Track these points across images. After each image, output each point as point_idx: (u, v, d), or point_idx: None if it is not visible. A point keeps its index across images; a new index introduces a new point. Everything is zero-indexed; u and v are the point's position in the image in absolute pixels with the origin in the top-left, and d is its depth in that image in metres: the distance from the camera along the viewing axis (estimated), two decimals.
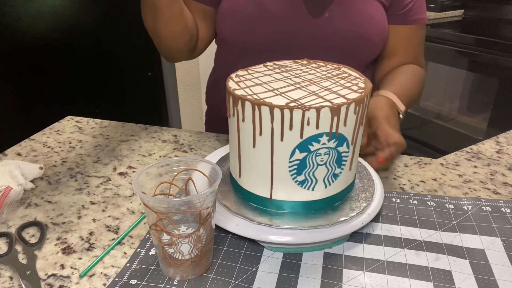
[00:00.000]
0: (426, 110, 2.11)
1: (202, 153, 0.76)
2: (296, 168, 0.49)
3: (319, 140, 0.47)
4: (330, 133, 0.47)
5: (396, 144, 0.62)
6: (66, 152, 0.77)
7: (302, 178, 0.50)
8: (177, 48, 0.78)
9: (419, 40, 0.86)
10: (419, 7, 0.82)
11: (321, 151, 0.48)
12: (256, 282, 0.46)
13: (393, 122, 0.66)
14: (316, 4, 0.74)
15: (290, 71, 0.57)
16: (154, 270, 0.48)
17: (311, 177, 0.50)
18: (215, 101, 0.95)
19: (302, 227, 0.50)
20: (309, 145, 0.47)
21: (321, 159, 0.49)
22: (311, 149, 0.48)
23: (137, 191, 0.43)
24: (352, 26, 0.75)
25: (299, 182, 0.50)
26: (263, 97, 0.47)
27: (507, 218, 0.57)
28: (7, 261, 0.50)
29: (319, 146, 0.47)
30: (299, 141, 0.47)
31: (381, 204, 0.56)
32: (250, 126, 0.48)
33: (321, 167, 0.49)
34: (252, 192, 0.53)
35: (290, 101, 0.46)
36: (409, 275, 0.47)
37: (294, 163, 0.48)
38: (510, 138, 0.83)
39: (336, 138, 0.48)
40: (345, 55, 0.75)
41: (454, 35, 1.83)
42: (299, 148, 0.47)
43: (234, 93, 0.49)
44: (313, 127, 0.46)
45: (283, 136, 0.47)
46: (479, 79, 1.88)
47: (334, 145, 0.48)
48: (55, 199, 0.63)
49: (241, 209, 0.53)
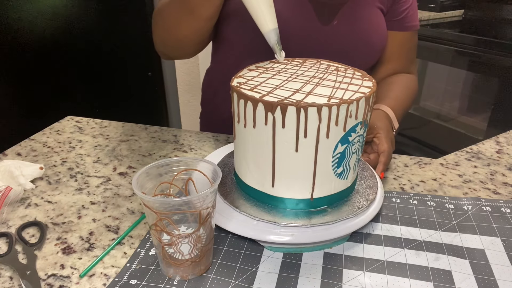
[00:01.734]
0: (426, 110, 2.11)
1: (202, 153, 0.76)
2: (337, 162, 0.50)
3: (355, 130, 0.49)
4: (363, 121, 0.49)
5: (384, 152, 0.66)
6: (66, 152, 0.77)
7: (341, 170, 0.51)
8: (185, 52, 0.76)
9: (412, 45, 0.90)
10: (413, 14, 0.85)
11: (355, 140, 0.50)
12: (256, 282, 0.46)
13: (391, 134, 0.71)
14: (326, 11, 0.76)
15: (286, 70, 0.57)
16: (154, 270, 0.48)
17: (347, 167, 0.52)
18: (211, 102, 0.94)
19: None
20: (348, 137, 0.49)
21: (354, 148, 0.51)
22: (349, 140, 0.49)
23: (137, 191, 0.43)
24: (359, 33, 0.78)
25: (338, 174, 0.51)
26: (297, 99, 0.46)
27: (507, 218, 0.57)
28: (7, 261, 0.50)
29: (355, 135, 0.50)
30: (342, 135, 0.48)
31: (381, 204, 0.56)
32: (292, 131, 0.46)
33: (353, 155, 0.52)
34: (289, 197, 0.52)
35: (328, 97, 0.47)
36: (409, 275, 0.47)
37: (336, 157, 0.49)
38: (510, 138, 0.83)
39: (366, 125, 0.51)
40: (347, 61, 0.76)
41: (454, 35, 1.83)
42: (341, 141, 0.48)
43: (266, 100, 0.46)
44: (353, 118, 0.48)
45: (329, 133, 0.47)
46: (479, 79, 1.88)
47: (362, 131, 0.51)
48: (55, 199, 0.63)
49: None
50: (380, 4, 0.80)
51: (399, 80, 0.87)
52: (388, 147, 0.67)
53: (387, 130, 0.70)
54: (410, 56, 0.90)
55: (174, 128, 0.86)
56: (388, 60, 0.87)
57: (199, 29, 0.68)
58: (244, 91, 0.49)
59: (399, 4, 0.82)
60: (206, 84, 0.95)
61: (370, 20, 0.79)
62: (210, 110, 0.95)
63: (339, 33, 0.77)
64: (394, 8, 0.82)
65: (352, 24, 0.77)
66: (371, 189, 0.57)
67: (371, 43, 0.80)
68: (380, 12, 0.81)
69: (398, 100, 0.81)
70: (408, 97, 0.86)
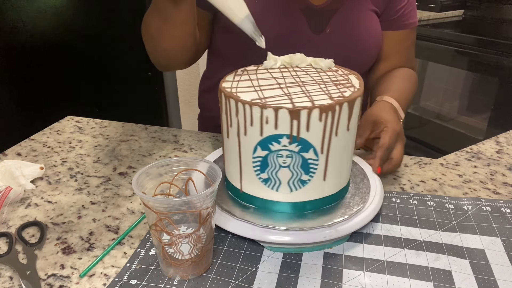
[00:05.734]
0: (426, 110, 2.11)
1: (202, 153, 0.76)
2: (259, 165, 0.50)
3: (279, 141, 0.47)
4: (290, 136, 0.47)
5: (383, 147, 0.62)
6: (66, 152, 0.77)
7: (266, 176, 0.50)
8: (179, 61, 0.75)
9: (411, 42, 0.88)
10: (410, 11, 0.83)
11: (283, 153, 0.48)
12: (256, 282, 0.46)
13: (398, 126, 0.66)
14: (318, 20, 0.75)
15: (291, 71, 0.57)
16: (154, 270, 0.48)
17: (274, 177, 0.50)
18: (209, 107, 0.95)
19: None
20: (269, 144, 0.48)
21: (283, 161, 0.48)
22: (271, 149, 0.48)
23: (137, 191, 0.43)
24: (352, 40, 0.77)
25: (262, 180, 0.51)
26: (241, 91, 0.49)
27: (507, 218, 0.57)
28: (7, 261, 0.50)
29: (279, 147, 0.48)
30: (259, 138, 0.48)
31: (381, 204, 0.56)
32: (224, 117, 0.51)
33: (284, 169, 0.49)
34: (229, 180, 0.56)
35: (259, 98, 0.47)
36: (409, 275, 0.47)
37: (257, 159, 0.49)
38: (510, 138, 0.83)
39: (298, 143, 0.47)
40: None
41: (454, 35, 1.83)
42: (260, 145, 0.48)
43: (222, 84, 0.52)
44: (271, 126, 0.46)
45: (246, 131, 0.48)
46: (479, 79, 1.88)
47: (297, 149, 0.48)
48: (55, 199, 0.63)
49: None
50: (374, 6, 0.79)
51: (399, 74, 0.85)
52: (389, 141, 0.63)
53: (395, 122, 0.66)
54: (409, 54, 0.89)
55: (174, 128, 0.86)
56: (386, 58, 0.86)
57: (179, 36, 0.67)
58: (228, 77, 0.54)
59: (395, 2, 0.81)
60: (203, 88, 0.96)
61: (364, 26, 0.78)
62: (207, 115, 0.97)
63: (332, 41, 0.76)
64: (389, 7, 0.81)
65: (345, 31, 0.76)
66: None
67: (366, 49, 0.79)
68: (374, 15, 0.80)
69: (401, 91, 0.77)
70: (411, 89, 0.83)
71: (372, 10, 0.79)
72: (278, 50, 0.64)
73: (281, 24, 0.74)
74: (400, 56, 0.87)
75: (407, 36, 0.85)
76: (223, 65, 0.83)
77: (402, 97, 0.75)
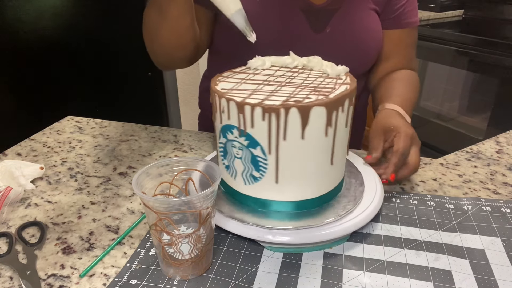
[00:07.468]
0: (426, 110, 2.11)
1: (202, 153, 0.76)
2: (222, 151, 0.54)
3: (232, 132, 0.50)
4: (239, 128, 0.49)
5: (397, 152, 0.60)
6: (66, 152, 0.77)
7: (227, 163, 0.54)
8: (178, 59, 0.75)
9: (412, 42, 0.87)
10: (410, 10, 0.82)
11: (235, 144, 0.50)
12: (256, 282, 0.46)
13: (411, 130, 0.63)
14: (319, 19, 0.75)
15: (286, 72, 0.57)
16: (154, 270, 0.48)
17: (232, 166, 0.53)
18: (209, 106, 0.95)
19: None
20: (226, 133, 0.51)
21: (236, 152, 0.51)
22: (228, 137, 0.51)
23: (137, 191, 0.43)
24: (352, 40, 0.77)
25: (225, 166, 0.54)
26: (223, 84, 0.53)
27: (507, 218, 0.57)
28: (7, 261, 0.50)
29: (232, 137, 0.50)
30: (220, 126, 0.52)
31: (381, 204, 0.56)
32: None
33: (237, 160, 0.51)
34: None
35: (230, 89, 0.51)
36: (409, 275, 0.47)
37: (221, 145, 0.53)
38: (510, 138, 0.83)
39: (246, 137, 0.49)
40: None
41: (454, 35, 1.83)
42: (222, 132, 0.52)
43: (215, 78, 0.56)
44: (226, 116, 0.50)
45: (215, 118, 0.53)
46: (479, 79, 1.87)
47: (246, 144, 0.49)
48: (55, 199, 0.63)
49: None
50: (374, 5, 0.78)
51: (400, 77, 0.83)
52: (404, 145, 0.60)
53: (406, 125, 0.64)
54: (410, 54, 0.88)
55: (174, 128, 0.86)
56: (386, 58, 0.85)
57: (175, 30, 0.67)
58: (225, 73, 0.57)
59: (395, 1, 0.80)
60: (203, 87, 0.96)
61: (364, 25, 0.78)
62: (207, 114, 0.96)
63: (333, 40, 0.76)
64: (389, 5, 0.80)
65: (346, 31, 0.76)
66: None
67: (366, 49, 0.79)
68: (374, 14, 0.79)
69: (404, 96, 0.76)
70: (413, 93, 0.81)
71: (372, 9, 0.79)
72: (278, 49, 0.64)
73: (281, 23, 0.74)
74: (401, 56, 0.86)
75: (408, 36, 0.85)
76: (224, 65, 0.82)
77: (406, 102, 0.74)
